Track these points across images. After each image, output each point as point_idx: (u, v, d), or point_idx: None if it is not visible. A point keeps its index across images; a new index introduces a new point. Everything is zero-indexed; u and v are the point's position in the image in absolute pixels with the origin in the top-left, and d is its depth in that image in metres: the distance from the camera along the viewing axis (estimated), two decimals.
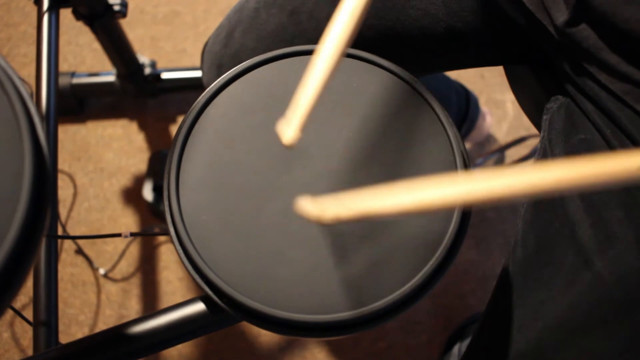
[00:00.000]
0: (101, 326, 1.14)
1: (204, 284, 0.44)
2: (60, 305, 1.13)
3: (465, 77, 1.32)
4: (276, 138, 0.48)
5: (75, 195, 1.23)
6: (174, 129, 1.30)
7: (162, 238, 1.19)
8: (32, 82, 0.79)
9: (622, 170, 0.31)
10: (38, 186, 0.35)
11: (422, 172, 0.47)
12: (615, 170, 0.31)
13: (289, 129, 0.42)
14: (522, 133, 1.30)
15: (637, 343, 0.47)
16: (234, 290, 0.43)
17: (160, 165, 1.21)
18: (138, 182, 1.24)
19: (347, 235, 0.45)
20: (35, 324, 0.68)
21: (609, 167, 0.31)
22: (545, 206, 0.53)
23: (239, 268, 0.44)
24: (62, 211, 1.21)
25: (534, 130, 1.21)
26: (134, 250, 1.18)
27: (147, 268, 1.17)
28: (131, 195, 1.23)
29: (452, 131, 0.49)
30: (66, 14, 1.00)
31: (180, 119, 1.31)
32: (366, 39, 0.61)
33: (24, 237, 0.34)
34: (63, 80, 1.23)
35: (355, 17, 0.46)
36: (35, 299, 0.69)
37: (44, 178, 0.36)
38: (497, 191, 0.32)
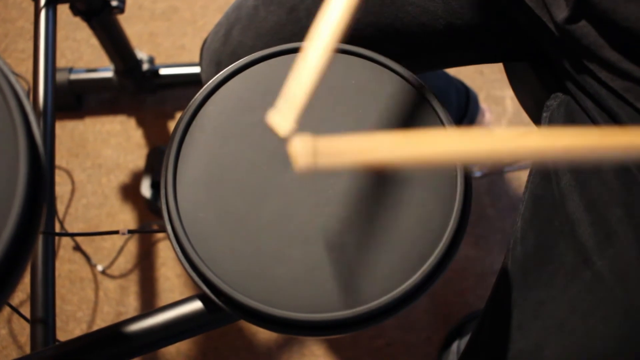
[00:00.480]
0: (99, 323, 1.13)
1: (201, 282, 0.44)
2: (58, 302, 1.13)
3: (464, 73, 1.31)
4: (274, 135, 0.48)
5: (73, 191, 1.22)
6: (172, 125, 1.30)
7: (160, 234, 1.19)
8: (30, 78, 0.79)
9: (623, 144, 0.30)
10: (33, 184, 0.35)
11: (421, 168, 0.47)
12: (617, 143, 0.30)
13: (285, 121, 0.41)
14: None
15: (637, 342, 0.47)
16: (231, 288, 0.43)
17: (158, 162, 1.21)
18: (136, 178, 1.24)
19: (346, 232, 0.45)
20: (32, 321, 0.68)
21: (612, 138, 0.30)
22: (544, 204, 0.53)
23: (237, 266, 0.44)
24: (60, 207, 1.21)
25: (533, 127, 1.21)
26: (132, 247, 1.18)
27: (145, 265, 1.17)
28: (129, 191, 1.23)
29: (451, 128, 0.49)
30: (64, 9, 0.99)
31: (178, 115, 1.31)
32: (365, 36, 0.60)
33: (19, 235, 0.33)
34: (61, 76, 1.22)
35: (346, 9, 0.45)
36: (33, 296, 0.69)
37: (40, 176, 0.35)
38: (496, 148, 0.31)
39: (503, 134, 0.31)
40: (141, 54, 1.22)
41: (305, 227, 0.45)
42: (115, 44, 1.11)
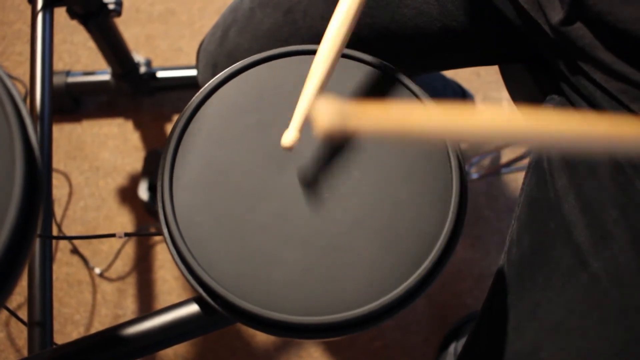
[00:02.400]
0: (97, 326, 1.13)
1: (198, 285, 0.44)
2: (56, 305, 1.12)
3: (461, 75, 1.32)
4: (270, 138, 0.48)
5: (70, 194, 1.22)
6: (169, 128, 1.30)
7: (158, 237, 1.19)
8: (27, 81, 0.79)
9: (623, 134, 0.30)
10: (30, 187, 0.35)
11: (416, 171, 0.47)
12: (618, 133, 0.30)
13: (288, 131, 0.44)
14: None
15: (633, 344, 0.47)
16: (227, 291, 0.43)
17: (155, 164, 1.21)
18: (134, 181, 1.24)
19: (342, 235, 0.45)
20: (30, 324, 0.67)
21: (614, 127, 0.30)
22: (540, 206, 0.53)
23: (233, 269, 0.44)
24: (58, 210, 1.21)
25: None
26: (130, 249, 1.18)
27: (143, 267, 1.17)
28: (127, 194, 1.23)
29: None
30: (61, 12, 0.99)
31: (176, 117, 1.31)
32: (361, 38, 0.61)
33: (16, 238, 0.33)
34: (58, 79, 1.22)
35: (349, 19, 0.47)
36: (30, 299, 0.69)
37: (36, 179, 0.35)
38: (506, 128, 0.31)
39: (501, 112, 0.32)
40: (138, 57, 1.22)
41: (301, 230, 0.45)
42: (113, 47, 1.11)
